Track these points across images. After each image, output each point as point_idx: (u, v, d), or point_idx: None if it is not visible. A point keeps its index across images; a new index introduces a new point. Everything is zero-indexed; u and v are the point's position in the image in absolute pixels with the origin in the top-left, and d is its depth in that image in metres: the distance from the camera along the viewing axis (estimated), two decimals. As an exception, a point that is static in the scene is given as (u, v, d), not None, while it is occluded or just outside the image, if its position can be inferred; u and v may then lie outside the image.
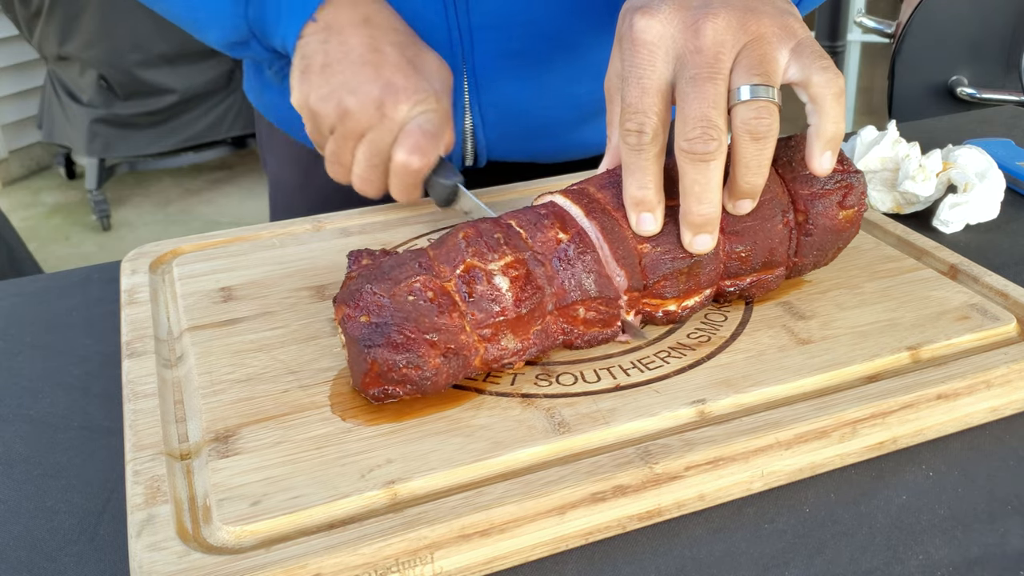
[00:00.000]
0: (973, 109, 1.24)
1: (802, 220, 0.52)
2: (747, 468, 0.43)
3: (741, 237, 0.50)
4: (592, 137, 0.82)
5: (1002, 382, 0.47)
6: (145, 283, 0.60)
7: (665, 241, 0.49)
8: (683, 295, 0.50)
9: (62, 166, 3.48)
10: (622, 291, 0.48)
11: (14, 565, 0.42)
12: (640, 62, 0.47)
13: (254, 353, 0.51)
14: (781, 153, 0.53)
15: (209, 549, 0.38)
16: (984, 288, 0.56)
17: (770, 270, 0.52)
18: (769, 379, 0.47)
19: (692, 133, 0.45)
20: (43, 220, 3.26)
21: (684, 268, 0.49)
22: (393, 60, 0.62)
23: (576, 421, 0.44)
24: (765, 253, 0.51)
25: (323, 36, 0.63)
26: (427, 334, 0.44)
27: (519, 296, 0.46)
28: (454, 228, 0.49)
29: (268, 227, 0.67)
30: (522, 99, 0.77)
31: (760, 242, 0.51)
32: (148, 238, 2.87)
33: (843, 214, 0.52)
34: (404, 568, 0.38)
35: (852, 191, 0.52)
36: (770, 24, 0.46)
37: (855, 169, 0.53)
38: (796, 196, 0.52)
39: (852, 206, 0.52)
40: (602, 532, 0.41)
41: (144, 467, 0.42)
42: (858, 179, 0.53)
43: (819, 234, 0.52)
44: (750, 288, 0.52)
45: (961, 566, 0.40)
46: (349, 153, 0.64)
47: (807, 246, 0.53)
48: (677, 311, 0.50)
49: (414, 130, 0.62)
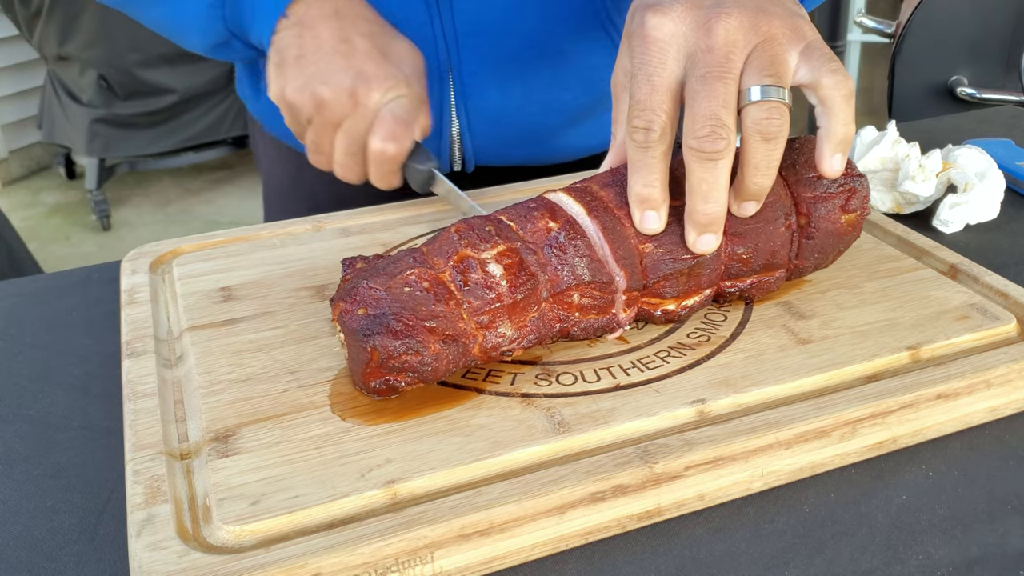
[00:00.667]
0: (973, 109, 1.24)
1: (804, 223, 0.52)
2: (747, 468, 0.43)
3: (743, 239, 0.50)
4: (578, 141, 0.83)
5: (1002, 382, 0.47)
6: (145, 283, 0.60)
7: (667, 242, 0.49)
8: (683, 295, 0.50)
9: (62, 166, 3.48)
10: (620, 290, 0.48)
11: (14, 565, 0.42)
12: (651, 59, 0.47)
13: (253, 353, 0.51)
14: (785, 156, 0.53)
15: (209, 549, 0.38)
16: (984, 288, 0.56)
17: (771, 272, 0.52)
18: (769, 379, 0.47)
19: (701, 131, 0.45)
20: (43, 220, 3.26)
21: (685, 269, 0.49)
22: (363, 49, 0.63)
23: (576, 421, 0.44)
24: (766, 255, 0.51)
25: (296, 31, 0.64)
26: (425, 321, 0.44)
27: (513, 283, 0.46)
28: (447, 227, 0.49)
29: (268, 227, 0.67)
30: (508, 105, 0.77)
31: (762, 244, 0.51)
32: (148, 238, 2.87)
33: (845, 218, 0.52)
34: (404, 568, 0.38)
35: (855, 195, 0.52)
36: (781, 26, 0.46)
37: (858, 173, 0.53)
38: (799, 199, 0.52)
39: (855, 210, 0.52)
40: (602, 532, 0.41)
41: (144, 467, 0.42)
42: (861, 183, 0.53)
43: (821, 237, 0.52)
44: (750, 289, 0.53)
45: (961, 566, 0.40)
46: (328, 142, 0.65)
47: (808, 249, 0.53)
48: (676, 310, 0.50)
49: (387, 117, 0.63)
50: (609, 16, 0.77)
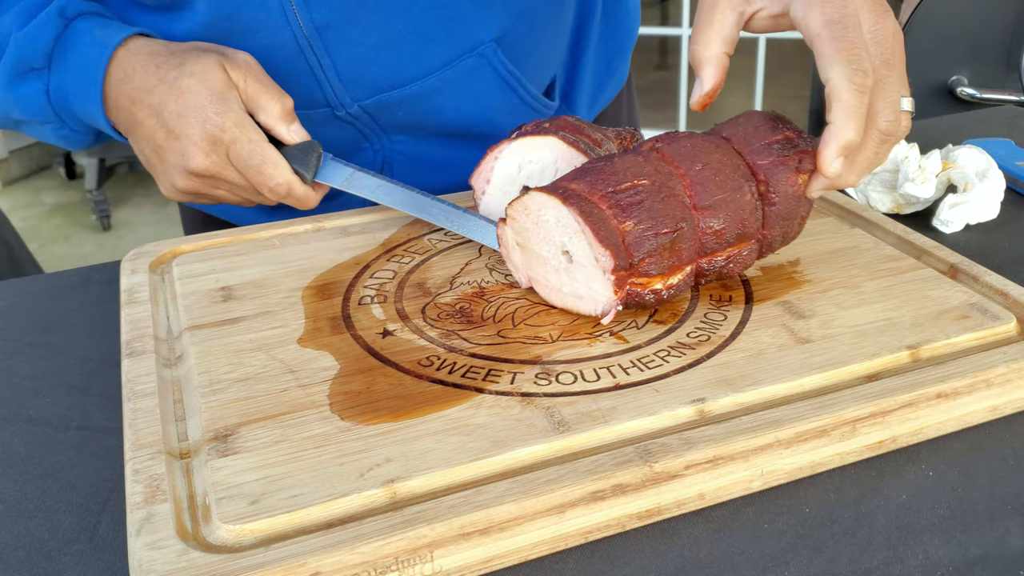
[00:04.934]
0: (973, 109, 1.24)
1: (764, 190, 0.54)
2: (747, 467, 0.43)
3: (714, 211, 0.52)
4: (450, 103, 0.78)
5: (1002, 381, 0.47)
6: (145, 283, 0.60)
7: (646, 218, 0.49)
8: (667, 272, 0.51)
9: (62, 166, 3.48)
10: (608, 270, 0.49)
11: (14, 565, 0.42)
12: (849, 14, 0.49)
13: (253, 352, 0.51)
14: (733, 131, 0.55)
15: (208, 548, 0.38)
16: (984, 287, 0.56)
17: (743, 243, 0.54)
18: (769, 378, 0.47)
19: (891, 116, 0.49)
20: (43, 220, 3.26)
21: (667, 243, 0.50)
22: (158, 141, 0.64)
23: (576, 420, 0.44)
24: (738, 225, 0.53)
25: (125, 129, 0.66)
26: None
27: None
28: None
29: (268, 227, 0.67)
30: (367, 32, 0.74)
31: (732, 214, 0.52)
32: (148, 238, 2.87)
33: (801, 179, 0.54)
34: (403, 567, 0.38)
35: (806, 156, 0.54)
36: None
37: (805, 134, 0.55)
38: (755, 168, 0.54)
39: (808, 170, 0.54)
40: (602, 531, 0.41)
41: (144, 466, 0.42)
42: (809, 143, 0.55)
43: (782, 202, 0.54)
44: (727, 265, 0.54)
45: (961, 566, 0.40)
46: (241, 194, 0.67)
47: (773, 216, 0.54)
48: (663, 290, 0.51)
49: (247, 173, 0.64)
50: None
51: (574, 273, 0.52)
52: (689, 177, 0.52)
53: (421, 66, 0.73)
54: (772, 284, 0.56)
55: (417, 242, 0.64)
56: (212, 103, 0.62)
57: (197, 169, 0.63)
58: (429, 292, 0.57)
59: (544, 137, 0.60)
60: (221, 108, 0.62)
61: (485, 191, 0.63)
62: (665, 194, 0.50)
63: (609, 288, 0.50)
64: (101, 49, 0.64)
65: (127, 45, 0.65)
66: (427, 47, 0.73)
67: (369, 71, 0.72)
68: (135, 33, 0.66)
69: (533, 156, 0.61)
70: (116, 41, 0.64)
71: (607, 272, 0.49)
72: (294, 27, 0.69)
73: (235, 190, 0.66)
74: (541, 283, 0.55)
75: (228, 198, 0.67)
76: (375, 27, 0.70)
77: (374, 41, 0.71)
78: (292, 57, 0.70)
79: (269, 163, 0.63)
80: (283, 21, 0.68)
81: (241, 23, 0.68)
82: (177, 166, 0.64)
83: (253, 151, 0.63)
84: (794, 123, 0.56)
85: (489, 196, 0.63)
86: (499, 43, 0.75)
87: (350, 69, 0.72)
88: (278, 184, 0.64)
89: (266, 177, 0.63)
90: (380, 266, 0.61)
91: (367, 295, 0.57)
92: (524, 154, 0.61)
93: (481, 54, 0.74)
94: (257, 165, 0.63)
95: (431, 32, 0.72)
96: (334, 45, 0.70)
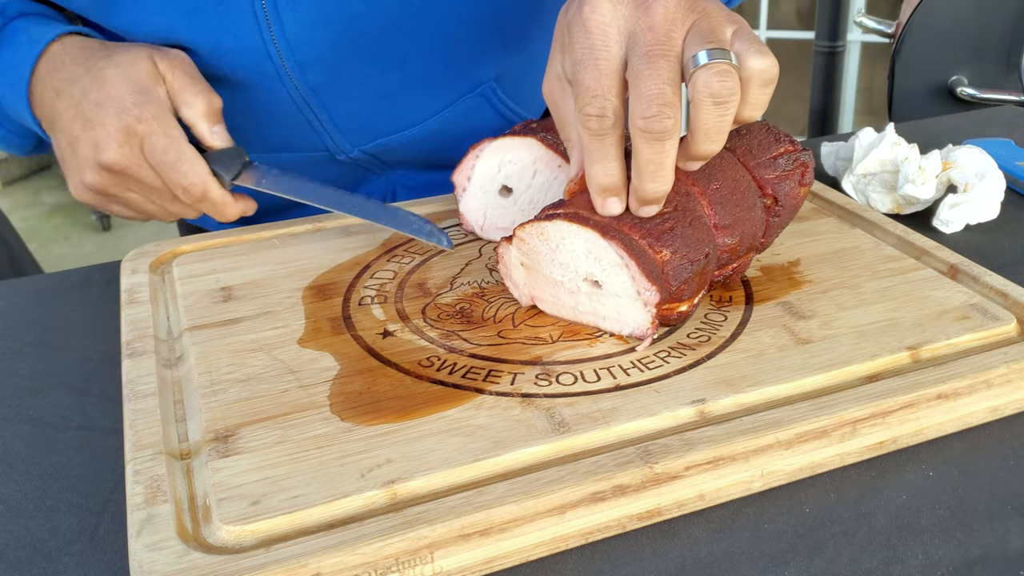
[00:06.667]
0: (973, 109, 1.24)
1: (771, 203, 0.54)
2: (747, 468, 0.43)
3: (732, 230, 0.52)
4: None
5: (1002, 382, 0.47)
6: (145, 283, 0.60)
7: (680, 246, 0.49)
8: (695, 293, 0.51)
9: (62, 166, 3.48)
10: (652, 304, 0.48)
11: (14, 565, 0.42)
12: (594, 43, 0.46)
13: (254, 353, 0.51)
14: (737, 143, 0.55)
15: (209, 549, 0.38)
16: (984, 288, 0.56)
17: (749, 254, 0.54)
18: (769, 379, 0.47)
19: (648, 111, 0.44)
20: (43, 220, 3.26)
21: (700, 269, 0.49)
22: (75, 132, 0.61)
23: (576, 421, 0.44)
24: (748, 239, 0.53)
25: (48, 124, 0.64)
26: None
27: None
28: None
29: (268, 227, 0.67)
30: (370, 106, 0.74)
31: (747, 231, 0.52)
32: (148, 238, 2.86)
33: (802, 191, 0.55)
34: (404, 568, 0.38)
35: (808, 168, 0.55)
36: (714, 7, 0.46)
37: (803, 147, 0.56)
38: (762, 181, 0.54)
39: (808, 183, 0.55)
40: (602, 532, 0.41)
41: (144, 467, 0.42)
42: (808, 156, 0.55)
43: (785, 214, 0.55)
44: (732, 276, 0.54)
45: (961, 566, 0.40)
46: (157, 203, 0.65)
47: (774, 227, 0.55)
48: (688, 310, 0.51)
49: (161, 170, 0.61)
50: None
51: (600, 299, 0.50)
52: (707, 196, 0.51)
53: (421, 111, 0.73)
54: (772, 284, 0.56)
55: (417, 242, 0.64)
56: (132, 94, 0.60)
57: (108, 162, 0.60)
58: (429, 292, 0.57)
59: (523, 138, 0.60)
60: (141, 99, 0.60)
61: (466, 188, 0.63)
62: (691, 218, 0.50)
63: (648, 318, 0.49)
64: (33, 45, 0.63)
65: (62, 40, 0.63)
66: (426, 94, 0.72)
67: (368, 121, 0.72)
68: (74, 31, 0.64)
69: (512, 156, 0.61)
70: (50, 37, 0.63)
71: (649, 305, 0.48)
72: (289, 88, 0.68)
73: (147, 193, 0.63)
74: (549, 301, 0.53)
75: (138, 203, 0.64)
76: (371, 80, 0.69)
77: (371, 93, 0.70)
78: (290, 111, 0.70)
79: (185, 160, 0.60)
80: (278, 82, 0.68)
81: (236, 80, 0.68)
82: (88, 159, 0.61)
83: (168, 146, 0.60)
84: (788, 134, 0.57)
85: (469, 193, 0.64)
86: (498, 81, 0.74)
87: (348, 121, 0.71)
88: (192, 184, 0.61)
89: (180, 175, 0.61)
90: (380, 266, 0.61)
91: (367, 295, 0.57)
92: (504, 154, 0.61)
93: (481, 94, 0.74)
94: (171, 161, 0.60)
95: (430, 79, 0.71)
96: (331, 101, 0.70)
